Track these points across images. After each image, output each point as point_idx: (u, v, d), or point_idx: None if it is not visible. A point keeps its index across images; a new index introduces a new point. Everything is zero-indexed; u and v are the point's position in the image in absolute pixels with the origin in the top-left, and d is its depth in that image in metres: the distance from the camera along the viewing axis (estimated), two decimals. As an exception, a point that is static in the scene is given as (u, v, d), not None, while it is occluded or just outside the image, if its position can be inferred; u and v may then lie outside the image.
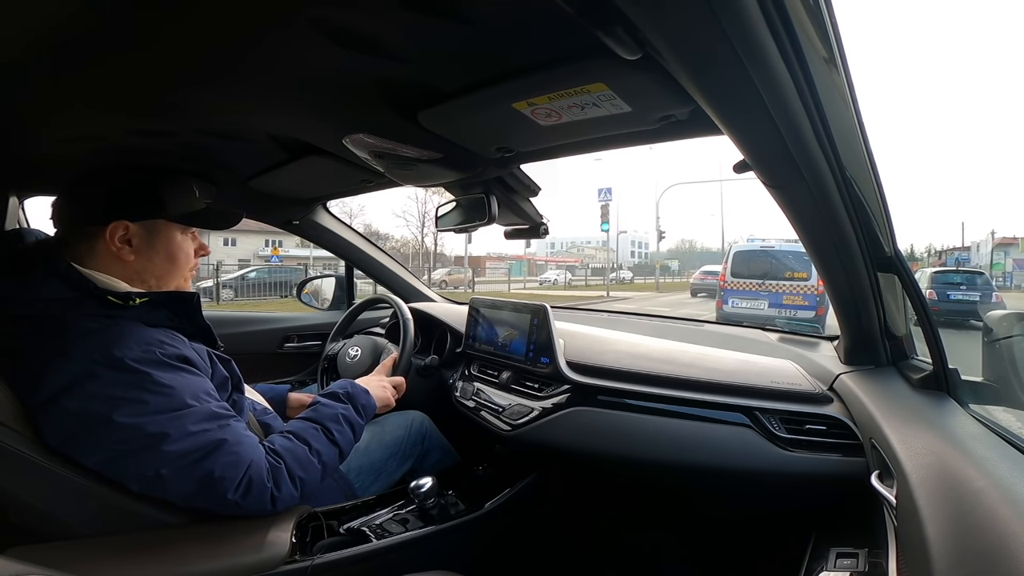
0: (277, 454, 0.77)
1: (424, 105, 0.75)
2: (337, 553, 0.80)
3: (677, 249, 66.69)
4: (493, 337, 1.28)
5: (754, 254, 7.17)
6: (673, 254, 58.64)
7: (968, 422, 0.66)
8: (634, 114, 0.70)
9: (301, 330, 1.86)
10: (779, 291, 6.82)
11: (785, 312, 6.65)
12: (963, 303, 6.99)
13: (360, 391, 0.97)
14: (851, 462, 0.81)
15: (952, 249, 27.00)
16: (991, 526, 0.42)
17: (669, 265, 55.31)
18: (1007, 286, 18.33)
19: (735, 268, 7.18)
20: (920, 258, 31.22)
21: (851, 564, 0.68)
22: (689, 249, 64.67)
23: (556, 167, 1.72)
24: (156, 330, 0.75)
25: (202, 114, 0.82)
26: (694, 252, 60.69)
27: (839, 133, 0.58)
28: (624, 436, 0.97)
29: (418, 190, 16.19)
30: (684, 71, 0.50)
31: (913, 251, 38.88)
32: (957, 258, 21.82)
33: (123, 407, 0.67)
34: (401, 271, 1.88)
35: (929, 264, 22.08)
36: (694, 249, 63.51)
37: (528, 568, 1.16)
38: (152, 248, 0.81)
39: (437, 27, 0.55)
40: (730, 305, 7.11)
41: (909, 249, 36.85)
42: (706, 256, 45.88)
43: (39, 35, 0.56)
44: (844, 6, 1.55)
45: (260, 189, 1.27)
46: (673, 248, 67.29)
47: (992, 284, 7.98)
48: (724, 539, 1.18)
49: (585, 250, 56.17)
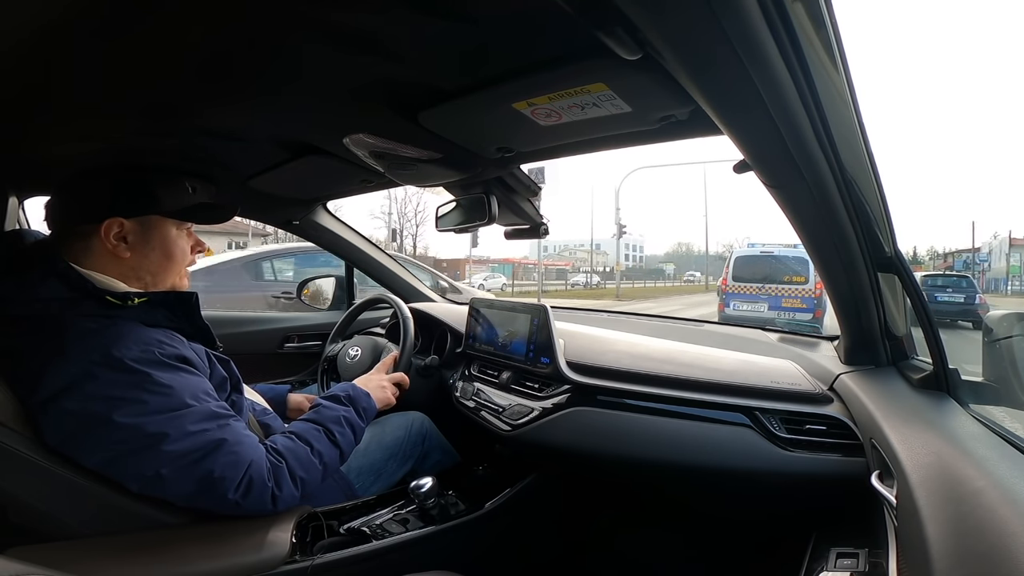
0: (279, 454, 0.77)
1: (424, 105, 0.75)
2: (337, 553, 0.80)
3: (674, 252, 66.55)
4: (493, 337, 1.28)
5: (754, 259, 7.50)
6: (670, 257, 58.01)
7: (968, 422, 0.66)
8: (634, 114, 0.70)
9: (301, 330, 1.86)
10: (778, 294, 7.14)
11: (784, 314, 6.93)
12: (950, 304, 8.05)
13: (361, 394, 0.97)
14: (851, 462, 0.81)
15: (959, 251, 26.62)
16: (991, 526, 0.42)
17: (664, 268, 54.06)
18: (999, 290, 18.80)
19: (736, 272, 7.52)
20: (923, 261, 30.54)
21: (851, 564, 0.68)
22: (686, 252, 64.58)
23: (556, 167, 1.71)
24: (155, 330, 0.75)
25: (203, 114, 0.82)
26: (691, 255, 60.50)
27: (839, 133, 0.58)
28: (624, 436, 0.97)
29: (396, 190, 16.11)
30: (684, 71, 0.50)
31: (916, 254, 37.95)
32: (965, 260, 21.67)
33: (122, 407, 0.67)
34: (401, 271, 1.88)
35: (933, 267, 21.99)
36: (691, 252, 63.38)
37: (528, 568, 1.16)
38: (148, 244, 0.81)
39: (438, 27, 0.55)
40: (731, 308, 7.41)
41: (912, 252, 36.03)
42: (701, 260, 45.98)
43: (40, 34, 0.56)
44: (844, 5, 1.54)
45: (260, 189, 1.27)
46: (670, 251, 67.14)
47: (976, 287, 8.81)
48: (724, 539, 1.18)
49: (578, 253, 54.77)
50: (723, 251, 43.47)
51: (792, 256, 7.12)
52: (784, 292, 7.12)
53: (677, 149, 35.77)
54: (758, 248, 7.74)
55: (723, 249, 44.40)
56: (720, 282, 8.24)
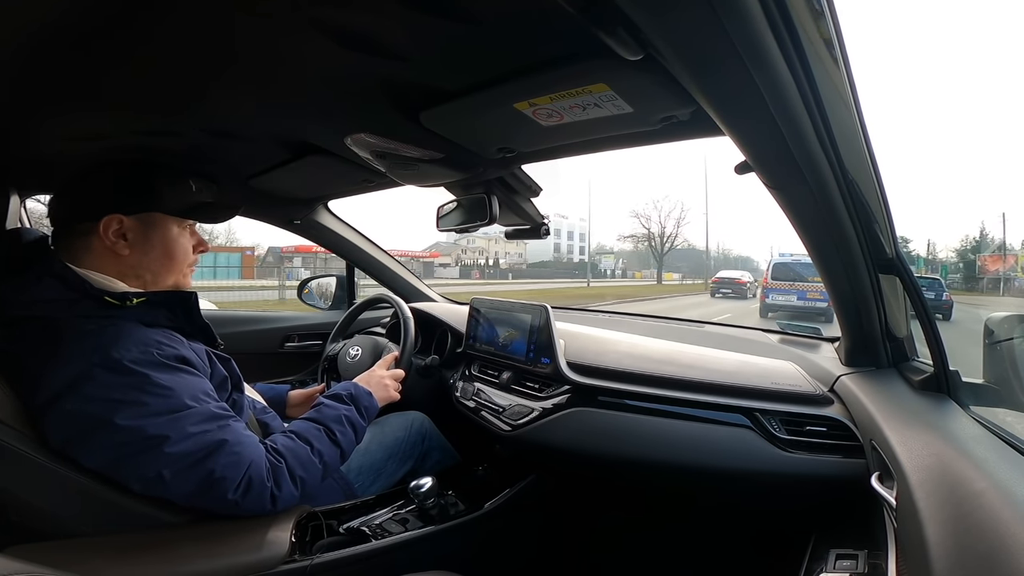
0: (279, 453, 0.77)
1: (426, 105, 0.75)
2: (336, 553, 0.80)
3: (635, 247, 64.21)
4: (493, 337, 1.28)
5: (786, 265, 10.60)
6: (633, 253, 51.48)
7: (969, 424, 0.66)
8: (636, 115, 0.70)
9: (301, 330, 1.86)
10: (804, 289, 10.07)
11: (808, 303, 9.89)
12: (926, 300, 9.81)
13: (363, 393, 0.97)
14: (851, 463, 0.81)
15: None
16: (991, 528, 0.42)
17: (598, 263, 46.88)
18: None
19: (774, 274, 10.69)
20: (946, 262, 28.42)
21: (851, 565, 0.68)
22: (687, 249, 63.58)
23: (557, 167, 1.69)
24: (154, 330, 0.75)
25: (205, 114, 0.82)
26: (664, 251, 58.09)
27: (841, 134, 0.58)
28: (624, 437, 0.97)
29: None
30: (686, 72, 0.50)
31: (934, 252, 34.23)
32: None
33: (123, 409, 0.67)
34: (402, 271, 1.88)
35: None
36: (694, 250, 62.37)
37: (527, 568, 1.16)
38: (148, 242, 0.80)
39: (439, 27, 0.55)
40: (770, 298, 10.53)
41: (930, 249, 33.07)
42: (689, 254, 44.06)
43: (42, 34, 0.56)
44: (847, 7, 1.55)
45: (261, 188, 1.27)
46: (635, 242, 64.44)
47: (944, 287, 10.78)
48: (724, 540, 1.18)
49: (476, 242, 44.53)
50: (683, 245, 41.05)
51: None
52: (807, 288, 9.92)
53: (677, 149, 35.18)
54: (788, 256, 10.94)
55: (684, 244, 41.12)
56: (762, 281, 11.69)
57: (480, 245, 45.84)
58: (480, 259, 44.03)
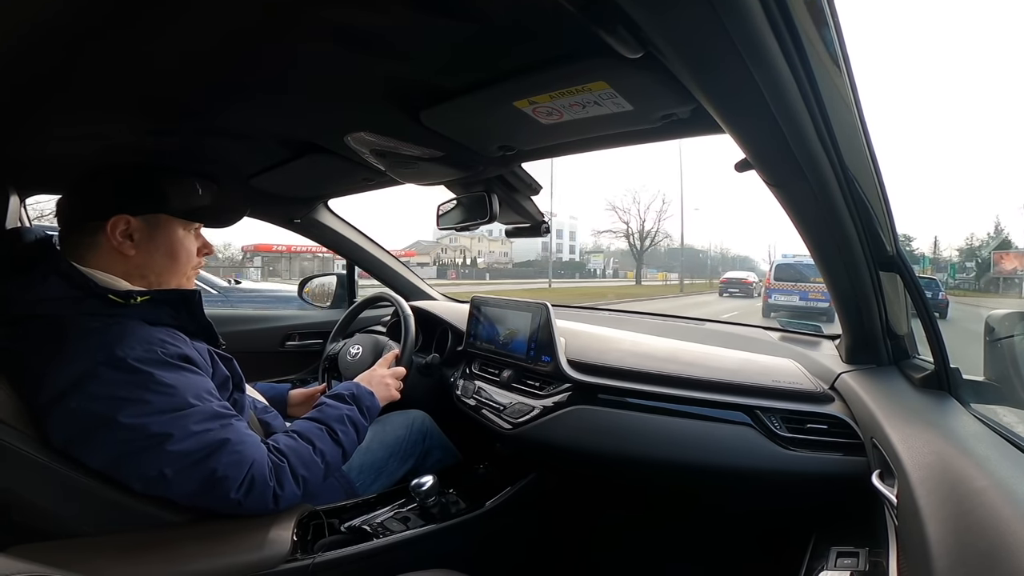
0: (281, 452, 0.77)
1: (426, 104, 0.75)
2: (338, 551, 0.80)
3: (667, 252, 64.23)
4: (494, 335, 1.28)
5: (789, 265, 10.79)
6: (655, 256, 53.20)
7: (969, 421, 0.66)
8: (636, 113, 0.70)
9: (302, 328, 1.86)
10: (805, 289, 10.27)
11: (810, 303, 10.02)
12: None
13: (365, 392, 0.97)
14: (852, 461, 0.81)
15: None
16: (992, 526, 0.42)
17: (586, 262, 46.21)
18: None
19: (777, 274, 10.92)
20: (952, 261, 27.37)
21: (851, 563, 0.68)
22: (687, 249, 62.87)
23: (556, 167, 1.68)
24: (158, 329, 0.75)
25: (206, 113, 0.82)
26: (655, 251, 56.85)
27: (841, 132, 0.57)
28: (625, 435, 0.97)
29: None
30: (686, 70, 0.50)
31: (938, 250, 33.13)
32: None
33: (126, 407, 0.67)
34: (403, 269, 1.88)
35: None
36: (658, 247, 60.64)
37: (528, 566, 1.16)
38: (153, 243, 0.80)
39: (440, 25, 0.55)
40: (773, 298, 10.71)
41: (935, 249, 31.45)
42: (686, 252, 43.78)
43: (41, 32, 0.56)
44: (847, 5, 1.55)
45: (262, 187, 1.27)
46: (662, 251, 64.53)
47: (941, 287, 11.01)
48: (724, 538, 1.18)
49: (460, 240, 42.68)
50: (668, 243, 37.70)
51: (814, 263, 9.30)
52: (809, 288, 10.11)
53: (677, 148, 34.22)
54: (791, 257, 11.10)
55: (667, 240, 37.19)
56: (765, 281, 11.99)
57: (463, 244, 44.58)
58: (459, 258, 42.69)
